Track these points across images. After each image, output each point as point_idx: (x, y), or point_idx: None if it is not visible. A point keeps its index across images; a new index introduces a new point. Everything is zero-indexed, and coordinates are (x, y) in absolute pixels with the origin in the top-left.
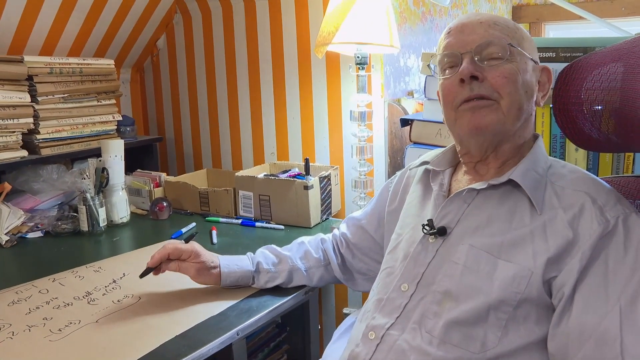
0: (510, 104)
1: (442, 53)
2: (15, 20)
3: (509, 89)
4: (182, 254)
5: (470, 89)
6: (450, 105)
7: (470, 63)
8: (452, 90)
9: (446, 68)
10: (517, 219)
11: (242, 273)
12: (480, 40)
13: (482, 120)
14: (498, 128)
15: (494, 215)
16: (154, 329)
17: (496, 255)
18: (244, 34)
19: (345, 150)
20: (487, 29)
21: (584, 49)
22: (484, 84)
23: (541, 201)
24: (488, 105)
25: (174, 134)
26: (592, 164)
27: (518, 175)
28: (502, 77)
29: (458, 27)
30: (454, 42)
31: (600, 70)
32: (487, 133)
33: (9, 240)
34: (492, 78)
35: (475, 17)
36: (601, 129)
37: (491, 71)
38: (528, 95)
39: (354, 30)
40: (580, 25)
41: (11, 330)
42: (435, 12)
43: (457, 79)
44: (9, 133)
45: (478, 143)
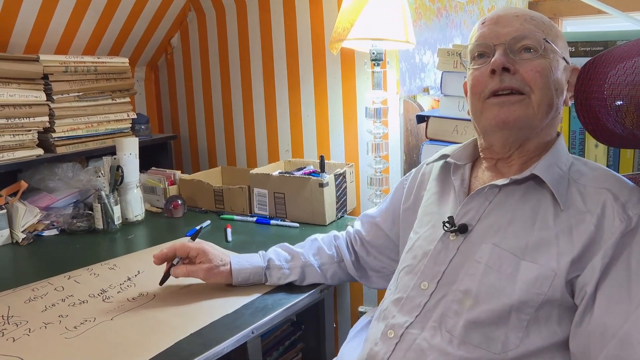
0: (541, 99)
1: (475, 43)
2: (31, 19)
3: (541, 83)
4: (190, 251)
5: (501, 81)
6: (478, 96)
7: (502, 55)
8: (481, 81)
9: (477, 58)
10: (541, 219)
11: (253, 269)
12: (515, 33)
13: (510, 115)
14: (526, 123)
15: (516, 214)
16: (168, 326)
17: (520, 257)
18: (258, 31)
19: (361, 148)
20: (522, 23)
21: (604, 43)
22: (516, 76)
23: (564, 196)
24: (518, 101)
25: (189, 132)
26: (613, 161)
27: (541, 170)
28: (534, 71)
29: (493, 19)
30: (487, 32)
31: (625, 64)
32: (513, 128)
33: (25, 238)
34: (524, 72)
35: (511, 10)
36: (625, 124)
37: (524, 65)
38: (558, 93)
39: (369, 26)
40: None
41: (28, 327)
42: (451, 7)
43: (488, 69)
44: (25, 132)
45: (503, 137)
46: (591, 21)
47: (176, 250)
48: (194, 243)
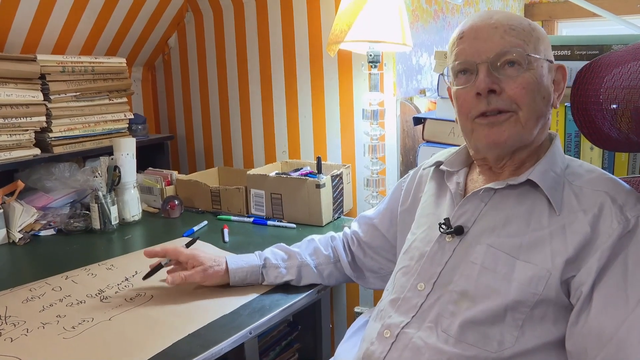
0: (529, 114)
1: (456, 61)
2: (28, 19)
3: (527, 99)
4: (180, 256)
5: (488, 103)
6: (466, 117)
7: (486, 75)
8: (467, 102)
9: (460, 76)
10: (535, 220)
11: (249, 269)
12: (497, 49)
13: (500, 136)
14: (517, 140)
15: (511, 216)
16: (166, 327)
17: (514, 256)
18: (256, 32)
19: (357, 149)
20: (503, 36)
21: (600, 47)
22: (502, 96)
23: (560, 202)
24: (506, 119)
25: (185, 132)
26: (608, 163)
27: (536, 176)
28: (520, 88)
29: (471, 32)
30: (467, 49)
31: (621, 69)
32: (505, 147)
33: (22, 238)
34: (510, 90)
35: (488, 20)
36: (621, 128)
37: (509, 82)
38: (545, 101)
39: (366, 29)
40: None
41: (25, 327)
42: (448, 10)
43: (473, 91)
44: (22, 131)
45: (495, 154)
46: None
47: (167, 253)
48: (186, 249)
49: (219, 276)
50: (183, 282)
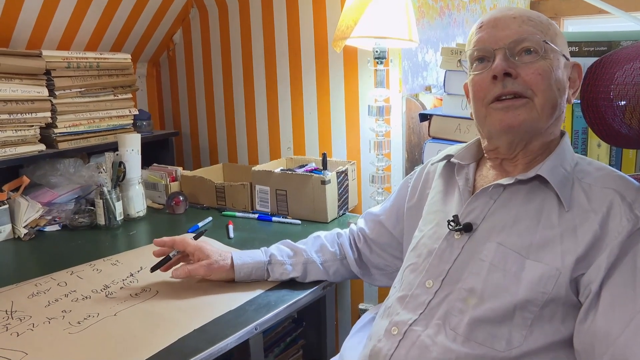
0: (544, 101)
1: (474, 48)
2: (34, 15)
3: (543, 86)
4: (188, 247)
5: (503, 86)
6: (481, 102)
7: (503, 59)
8: (483, 87)
9: (478, 63)
10: (545, 217)
11: (255, 264)
12: (515, 36)
13: (515, 119)
14: (531, 126)
15: (521, 213)
16: (172, 322)
17: (524, 255)
18: (261, 27)
19: (363, 145)
20: (521, 25)
21: (608, 44)
22: (518, 80)
23: (569, 198)
24: (522, 105)
25: (190, 128)
26: (615, 161)
27: (546, 171)
28: (536, 74)
29: (490, 22)
30: (486, 37)
31: (632, 65)
32: (519, 131)
33: (27, 233)
34: (526, 75)
35: (508, 12)
36: (632, 124)
37: (525, 68)
38: (560, 92)
39: (372, 25)
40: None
41: (31, 322)
42: (454, 6)
43: (489, 75)
44: (27, 127)
45: (508, 140)
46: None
47: (175, 243)
48: (194, 241)
49: (224, 271)
50: (187, 276)
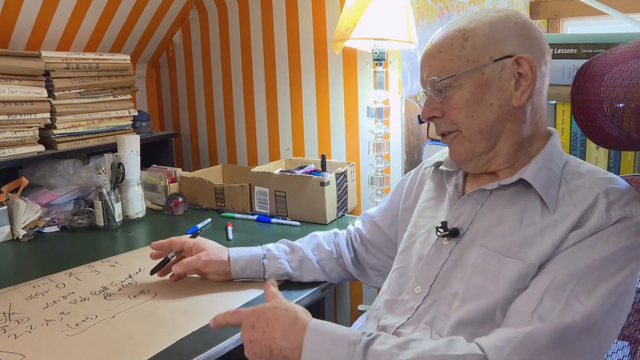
0: (469, 131)
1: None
2: (33, 16)
3: (462, 118)
4: (185, 243)
5: (437, 127)
6: None
7: (428, 103)
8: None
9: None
10: (528, 217)
11: (250, 258)
12: (429, 76)
13: (455, 153)
14: (471, 154)
15: (504, 215)
16: (170, 324)
17: (505, 254)
18: (260, 29)
19: (362, 147)
20: (432, 63)
21: (606, 45)
22: (444, 119)
23: (554, 200)
24: (453, 139)
25: (190, 130)
26: (614, 162)
27: (529, 175)
28: (452, 109)
29: (422, 57)
30: (421, 74)
31: (621, 67)
32: (465, 161)
33: (26, 234)
34: (449, 111)
35: (429, 45)
36: (622, 127)
37: (447, 105)
38: (494, 108)
39: (371, 26)
40: (599, 21)
41: (29, 324)
42: (453, 7)
43: None
44: (26, 128)
45: (469, 168)
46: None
47: (172, 243)
48: (191, 239)
49: (220, 262)
50: (186, 269)
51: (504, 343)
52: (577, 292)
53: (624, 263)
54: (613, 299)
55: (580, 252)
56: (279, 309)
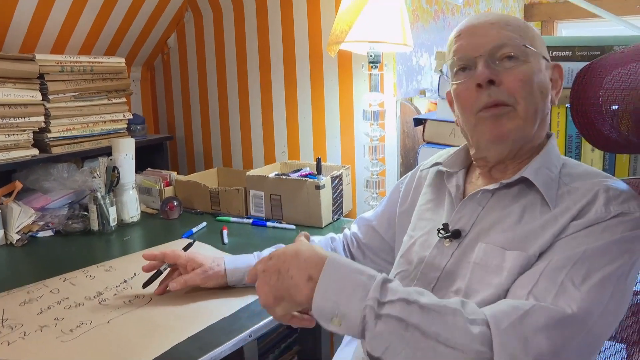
0: (526, 108)
1: (454, 56)
2: (27, 19)
3: (524, 92)
4: (179, 258)
5: (488, 95)
6: (470, 111)
7: (486, 67)
8: (469, 96)
9: (459, 72)
10: (528, 214)
11: (246, 268)
12: (494, 42)
13: (503, 129)
14: (519, 135)
15: (506, 213)
16: (165, 330)
17: (506, 248)
18: (255, 32)
19: (357, 150)
20: (499, 30)
21: (601, 48)
22: (501, 88)
23: (554, 198)
24: (507, 113)
25: (185, 133)
26: (609, 165)
27: (530, 173)
28: (517, 80)
29: (469, 30)
30: (465, 44)
31: (621, 70)
32: (509, 141)
33: (20, 239)
34: (508, 82)
35: (485, 18)
36: (621, 130)
37: (507, 75)
38: (543, 95)
39: (367, 29)
40: (593, 23)
41: (23, 330)
42: (448, 10)
43: (473, 83)
44: (20, 131)
45: (498, 151)
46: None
47: (165, 256)
48: (184, 252)
49: (219, 277)
50: (184, 286)
51: (503, 316)
52: (571, 276)
53: (616, 255)
54: (608, 291)
55: (575, 241)
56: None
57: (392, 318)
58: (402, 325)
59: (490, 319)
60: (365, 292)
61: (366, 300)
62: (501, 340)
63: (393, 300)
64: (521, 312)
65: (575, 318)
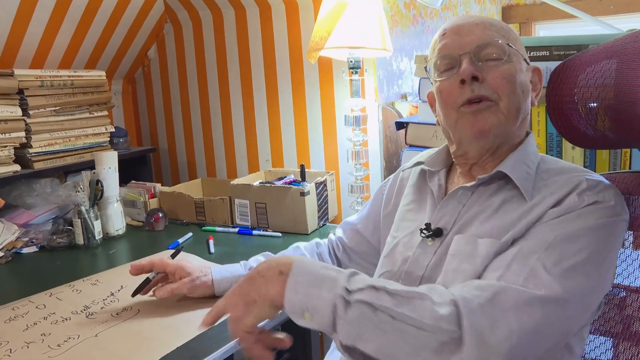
0: (509, 104)
1: (438, 55)
2: (4, 33)
3: (507, 89)
4: (167, 267)
5: (471, 90)
6: (452, 106)
7: (470, 64)
8: (452, 92)
9: (443, 70)
10: (505, 206)
11: (234, 278)
12: (479, 41)
13: (484, 124)
14: (500, 130)
15: (484, 208)
16: (154, 341)
17: (479, 236)
18: (235, 41)
19: (341, 155)
20: (483, 30)
21: (577, 47)
22: (484, 84)
23: (530, 190)
24: (488, 107)
25: (168, 144)
26: (589, 161)
27: (507, 167)
28: (501, 78)
29: (454, 29)
30: (450, 43)
31: (594, 68)
32: (490, 136)
33: (3, 256)
34: (491, 79)
35: (470, 19)
36: (597, 126)
37: (490, 72)
38: (525, 95)
39: (346, 35)
40: (570, 24)
41: (9, 348)
42: (426, 14)
43: (457, 80)
44: (1, 148)
45: (479, 146)
46: (563, 25)
47: (153, 265)
48: (172, 260)
49: (206, 287)
50: (170, 295)
51: (473, 297)
52: (542, 260)
53: (590, 241)
54: (581, 276)
55: (548, 226)
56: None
57: (361, 303)
58: (372, 309)
59: (459, 300)
60: (334, 283)
61: (335, 289)
62: (470, 320)
63: (362, 288)
64: (490, 293)
65: (546, 300)
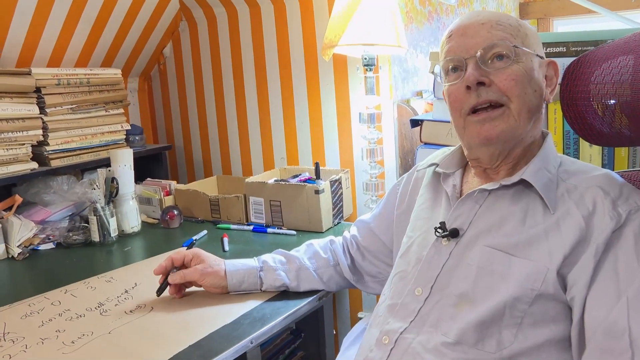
0: (520, 107)
1: (445, 58)
2: (23, 33)
3: (517, 91)
4: (185, 256)
5: (478, 95)
6: (459, 113)
7: (475, 68)
8: (459, 98)
9: (451, 72)
10: (530, 218)
11: (247, 271)
12: (485, 43)
13: (493, 131)
14: (510, 135)
15: (506, 215)
16: (167, 339)
17: (511, 254)
18: (250, 39)
19: (356, 153)
20: (490, 30)
21: (595, 43)
22: (492, 88)
23: (554, 200)
24: (499, 115)
25: (183, 142)
26: (608, 159)
27: (530, 175)
28: (509, 79)
29: (459, 30)
30: (456, 46)
31: (610, 64)
32: (498, 142)
33: (21, 252)
34: (499, 82)
35: (476, 18)
36: (612, 123)
37: (498, 74)
38: (537, 94)
39: (360, 32)
40: (589, 19)
41: (24, 344)
42: (442, 10)
43: (462, 85)
44: (19, 145)
45: (489, 152)
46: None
47: (173, 260)
48: (189, 250)
49: (217, 276)
50: (183, 280)
51: None
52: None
53: None
54: None
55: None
56: None
57: None
58: None
59: None
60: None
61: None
62: None
63: None
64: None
65: None
